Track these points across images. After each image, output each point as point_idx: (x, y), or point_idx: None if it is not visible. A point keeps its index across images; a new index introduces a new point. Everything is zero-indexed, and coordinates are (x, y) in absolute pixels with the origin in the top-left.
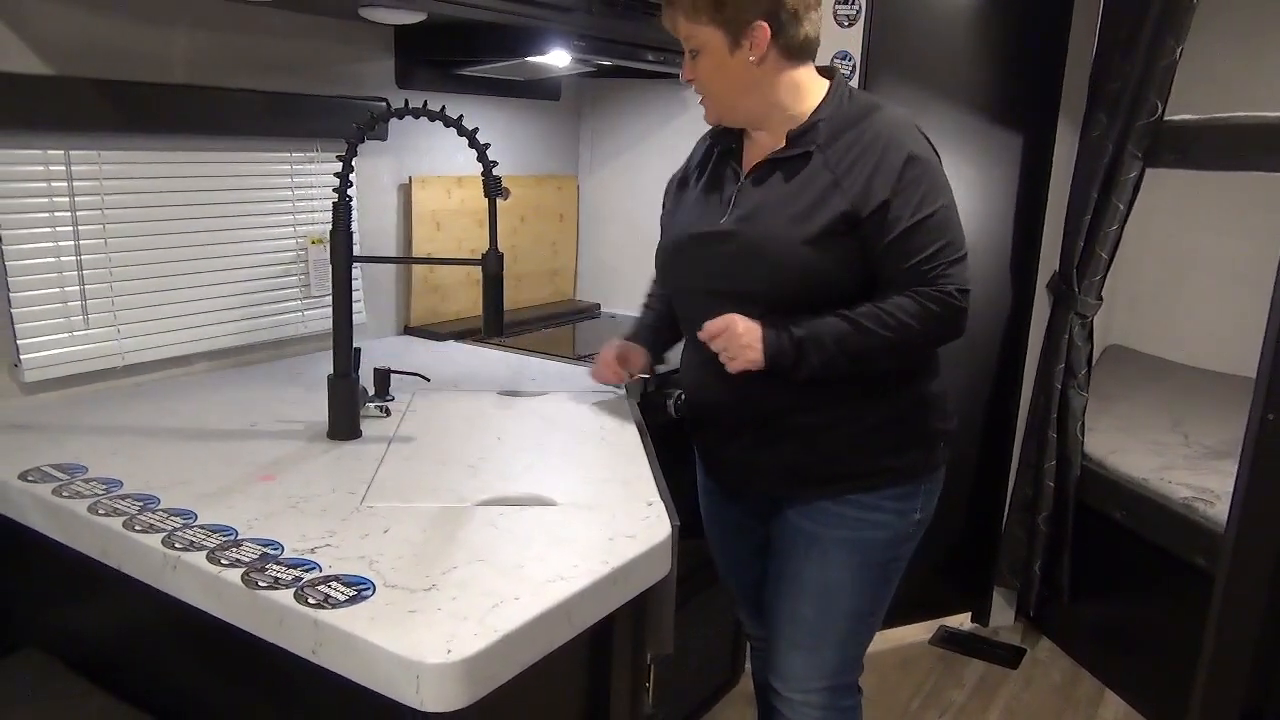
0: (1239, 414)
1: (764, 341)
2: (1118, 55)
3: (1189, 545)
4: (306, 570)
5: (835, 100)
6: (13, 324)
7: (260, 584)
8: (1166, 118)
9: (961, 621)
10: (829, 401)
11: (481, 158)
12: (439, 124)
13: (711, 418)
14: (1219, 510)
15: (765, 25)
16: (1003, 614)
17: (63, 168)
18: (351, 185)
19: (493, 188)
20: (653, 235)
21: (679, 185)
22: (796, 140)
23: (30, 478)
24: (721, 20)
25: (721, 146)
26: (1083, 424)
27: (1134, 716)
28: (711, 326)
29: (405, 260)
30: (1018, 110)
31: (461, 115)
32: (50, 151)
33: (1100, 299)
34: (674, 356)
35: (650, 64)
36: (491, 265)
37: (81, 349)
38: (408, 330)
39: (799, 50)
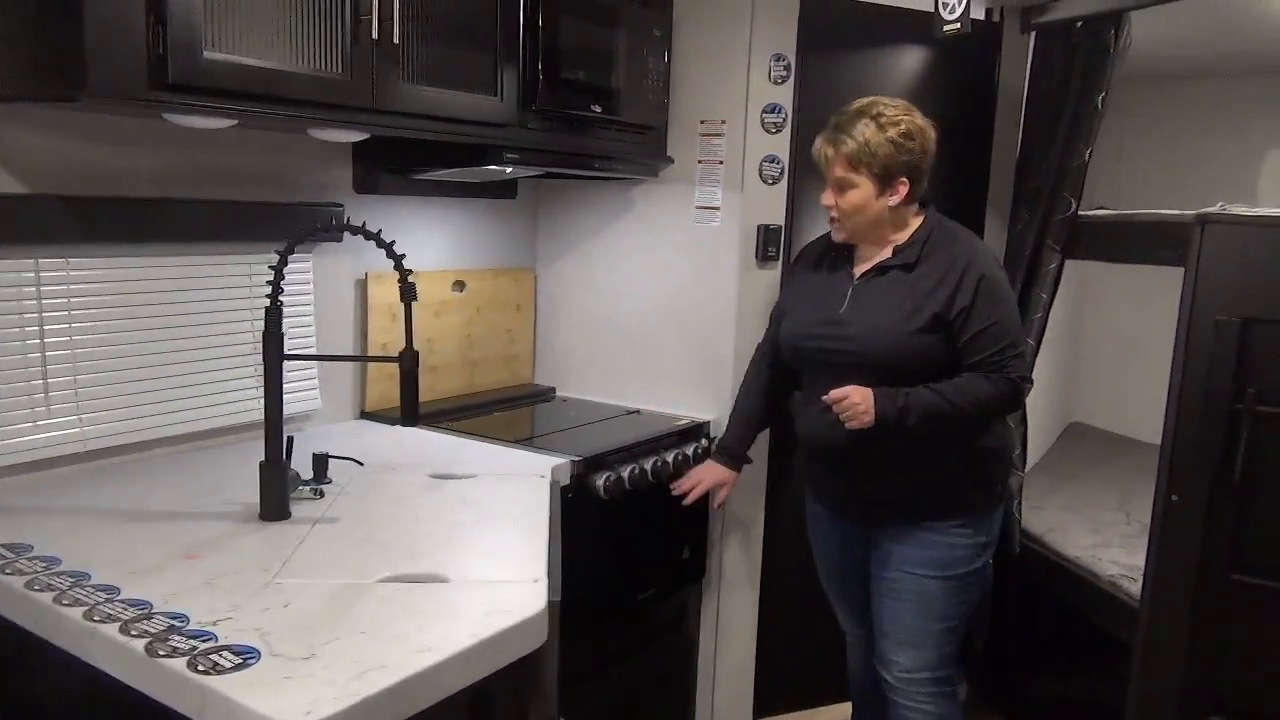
0: None
1: (875, 407)
2: (1036, 154)
3: (1114, 620)
4: (204, 640)
5: (929, 226)
6: None
7: (160, 653)
8: (1081, 213)
9: None
10: (912, 451)
11: (398, 266)
12: (393, 223)
13: (825, 457)
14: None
15: (907, 181)
16: None
17: (32, 274)
18: (282, 292)
19: (408, 293)
20: (603, 323)
21: (798, 274)
22: (901, 253)
23: None
24: (874, 175)
25: (834, 253)
26: (1019, 502)
27: None
28: (834, 395)
29: (328, 358)
30: (945, 208)
31: (380, 229)
32: (21, 260)
33: (1031, 382)
34: None
35: (594, 171)
36: (406, 362)
37: (45, 436)
38: (364, 415)
39: (917, 196)
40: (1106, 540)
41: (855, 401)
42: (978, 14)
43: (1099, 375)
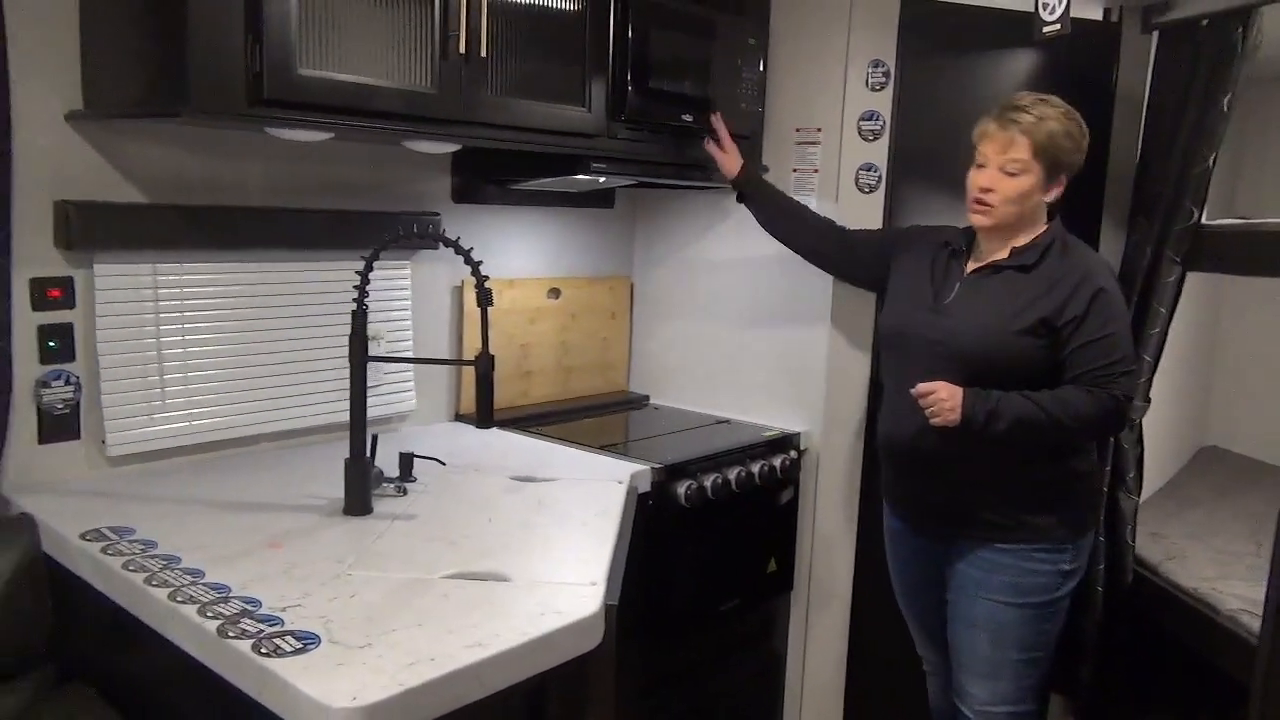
0: None
1: (963, 406)
2: (1157, 160)
3: (1230, 658)
4: (271, 625)
5: (1052, 235)
6: (101, 408)
7: (230, 634)
8: (1204, 223)
9: None
10: (993, 461)
11: (475, 271)
12: (491, 232)
13: (897, 454)
14: None
15: (1064, 180)
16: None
17: (150, 279)
18: (368, 295)
19: (483, 298)
20: (697, 332)
21: (915, 252)
22: (1019, 255)
23: (88, 537)
24: (1049, 165)
25: (954, 248)
26: (1133, 528)
27: None
28: (921, 388)
29: (407, 359)
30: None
31: (459, 236)
32: (140, 266)
33: (1148, 401)
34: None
35: (687, 181)
36: (481, 366)
37: (158, 429)
38: (458, 417)
39: (1059, 202)
40: (1230, 572)
41: (942, 397)
42: (1094, 14)
43: (1238, 396)
